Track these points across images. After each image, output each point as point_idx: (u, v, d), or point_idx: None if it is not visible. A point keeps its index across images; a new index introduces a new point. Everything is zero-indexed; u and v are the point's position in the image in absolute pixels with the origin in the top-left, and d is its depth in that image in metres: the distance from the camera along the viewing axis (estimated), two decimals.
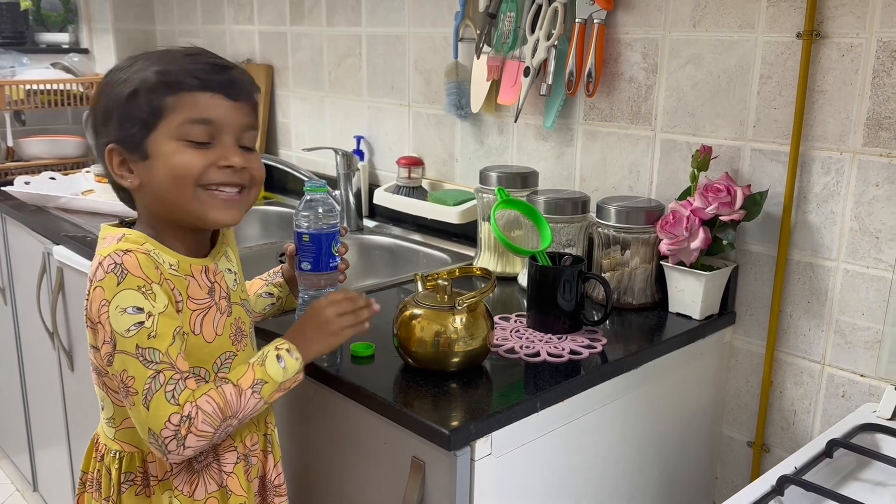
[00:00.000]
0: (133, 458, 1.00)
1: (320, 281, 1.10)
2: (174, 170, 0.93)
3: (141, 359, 0.88)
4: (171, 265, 0.96)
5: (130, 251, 0.90)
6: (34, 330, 2.01)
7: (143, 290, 0.90)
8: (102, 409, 1.02)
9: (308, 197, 1.09)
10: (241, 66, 1.00)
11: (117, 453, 1.00)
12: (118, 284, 0.89)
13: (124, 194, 1.01)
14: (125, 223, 1.02)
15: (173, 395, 0.88)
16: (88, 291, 0.92)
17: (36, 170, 2.39)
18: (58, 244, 1.81)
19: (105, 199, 2.01)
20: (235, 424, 0.93)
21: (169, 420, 0.87)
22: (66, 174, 2.26)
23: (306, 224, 1.08)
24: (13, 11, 2.73)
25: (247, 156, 0.97)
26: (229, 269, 1.05)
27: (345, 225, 1.12)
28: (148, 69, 0.93)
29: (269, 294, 1.18)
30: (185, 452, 0.89)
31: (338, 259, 1.11)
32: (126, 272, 0.89)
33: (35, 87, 2.46)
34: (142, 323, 0.88)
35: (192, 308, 0.97)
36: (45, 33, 2.84)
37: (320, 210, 1.08)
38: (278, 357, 0.96)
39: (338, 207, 1.11)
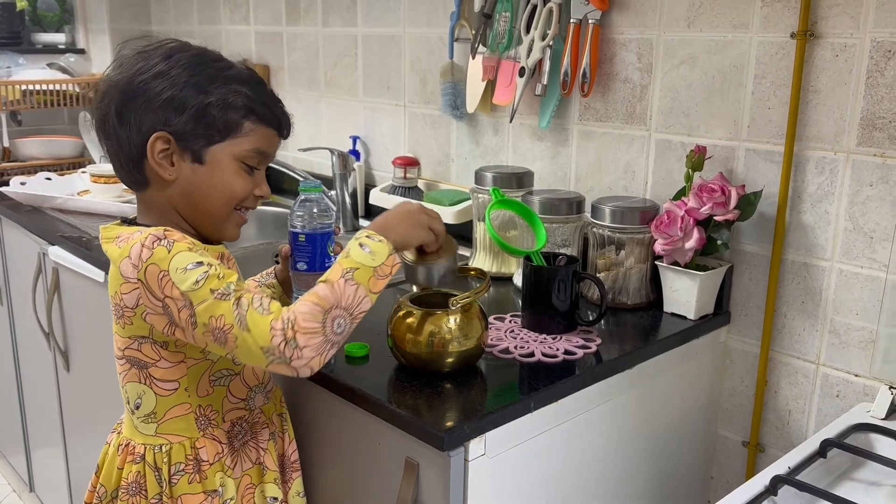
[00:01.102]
0: (182, 447, 1.02)
1: (315, 281, 1.09)
2: (230, 188, 0.99)
3: (220, 297, 0.88)
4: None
5: (167, 229, 0.94)
6: (30, 331, 2.00)
7: (194, 249, 0.93)
8: (138, 407, 1.02)
9: (303, 197, 1.09)
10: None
11: (163, 447, 1.02)
12: (169, 252, 0.91)
13: (138, 179, 1.00)
14: (127, 221, 1.03)
15: (262, 307, 0.88)
16: (136, 277, 0.91)
17: (32, 170, 2.38)
18: (53, 245, 1.80)
19: (101, 199, 2.01)
20: (345, 316, 0.90)
21: (272, 328, 0.86)
22: (62, 175, 2.26)
23: (301, 224, 1.08)
24: (9, 12, 2.72)
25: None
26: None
27: (339, 224, 1.12)
28: (231, 83, 0.97)
29: None
30: (304, 354, 0.87)
31: (333, 259, 1.10)
32: (172, 241, 0.92)
33: (31, 87, 2.45)
34: (206, 271, 0.90)
35: None
36: (41, 34, 2.83)
37: (315, 210, 1.08)
38: (361, 245, 0.94)
39: (333, 207, 1.11)
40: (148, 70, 0.95)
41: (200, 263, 0.90)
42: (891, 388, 1.15)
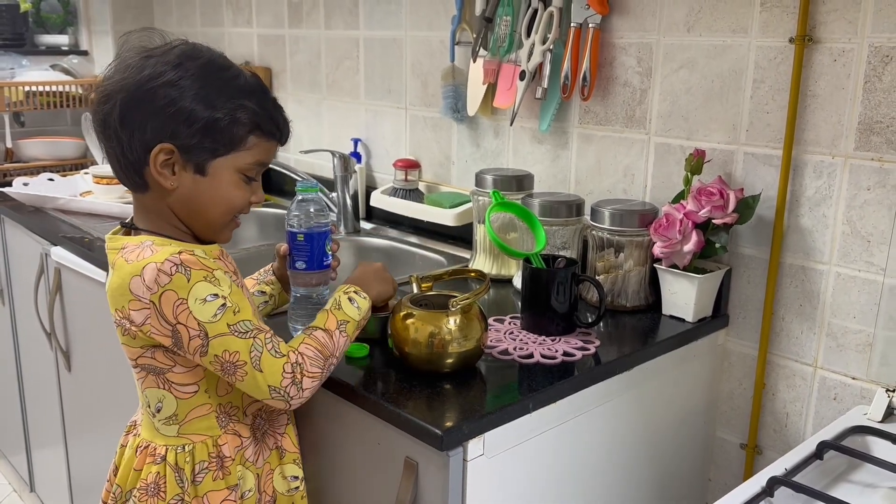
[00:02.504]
0: (205, 445, 1.03)
1: (313, 279, 1.11)
2: (230, 201, 1.00)
3: (237, 333, 0.94)
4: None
5: (182, 251, 0.94)
6: (32, 330, 2.01)
7: (209, 279, 0.94)
8: (159, 410, 1.02)
9: (300, 197, 1.10)
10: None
11: (186, 447, 1.03)
12: (189, 281, 0.92)
13: (137, 182, 0.99)
14: (125, 225, 1.04)
15: (275, 350, 0.95)
16: (149, 299, 0.92)
17: (35, 171, 2.39)
18: (56, 245, 1.81)
19: (103, 200, 2.02)
20: (335, 363, 1.00)
21: (283, 371, 0.94)
22: (64, 175, 2.27)
23: (298, 223, 1.09)
24: (13, 13, 2.74)
25: None
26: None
27: (334, 221, 1.14)
28: (243, 100, 0.97)
29: (262, 292, 1.19)
30: (304, 395, 0.97)
31: (331, 257, 1.12)
32: (189, 269, 0.93)
33: (34, 88, 2.46)
34: (224, 305, 0.93)
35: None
36: (44, 35, 2.84)
37: (312, 209, 1.09)
38: (350, 299, 1.04)
39: (329, 206, 1.13)
40: (157, 77, 0.94)
41: (217, 296, 0.93)
42: (888, 390, 1.15)
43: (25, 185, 2.13)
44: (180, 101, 0.94)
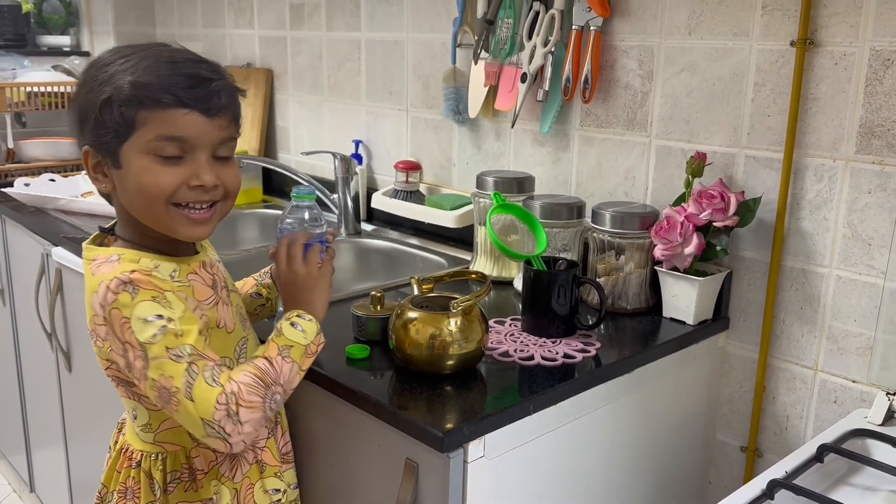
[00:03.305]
0: (177, 456, 1.02)
1: None
2: (144, 187, 0.93)
3: (173, 357, 0.88)
4: (171, 274, 0.96)
5: (135, 270, 0.91)
6: (32, 331, 2.01)
7: (158, 299, 0.90)
8: (135, 418, 1.03)
9: (294, 203, 1.08)
10: (224, 73, 0.97)
11: (159, 455, 1.02)
12: (133, 300, 0.89)
13: (102, 192, 1.01)
14: (105, 230, 1.02)
15: (213, 379, 0.89)
16: (103, 316, 0.91)
17: (36, 171, 2.39)
18: (57, 245, 1.81)
19: (104, 201, 2.02)
20: (281, 392, 0.94)
21: (217, 402, 0.87)
22: (65, 176, 2.27)
23: (289, 231, 1.06)
24: (15, 14, 2.74)
25: (220, 169, 0.96)
26: (219, 260, 1.08)
27: (331, 230, 1.11)
28: (124, 77, 0.91)
29: (259, 294, 1.18)
30: (244, 430, 0.89)
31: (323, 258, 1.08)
32: (137, 287, 0.90)
33: (36, 89, 2.47)
34: (165, 326, 0.89)
35: (206, 307, 0.99)
36: (46, 36, 2.85)
37: (306, 216, 1.06)
38: (292, 324, 0.98)
39: (324, 215, 1.08)
40: (81, 86, 0.96)
41: (161, 317, 0.89)
42: (888, 394, 1.15)
43: (27, 185, 2.13)
44: (79, 103, 0.95)
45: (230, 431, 0.88)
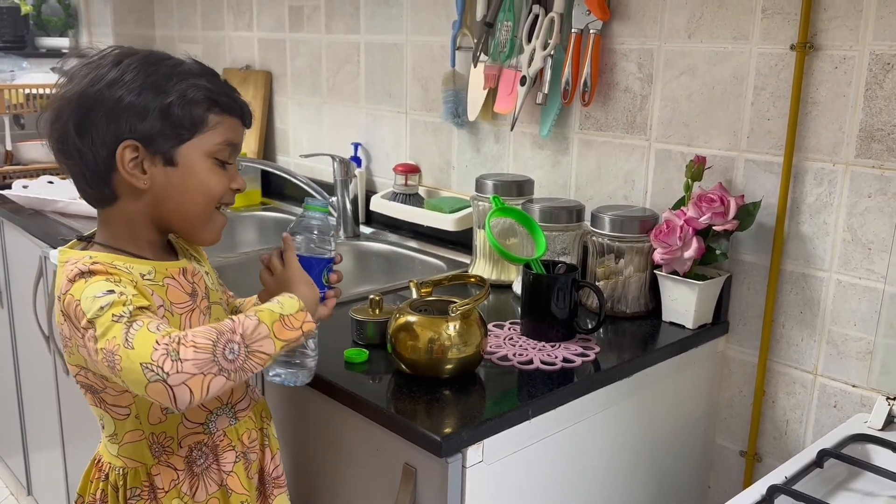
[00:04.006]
0: (137, 472, 1.00)
1: None
2: (208, 188, 0.96)
3: (116, 319, 0.83)
4: (145, 275, 0.94)
5: (97, 262, 0.89)
6: (30, 334, 2.01)
7: (111, 280, 0.87)
8: (103, 427, 1.02)
9: (305, 214, 1.01)
10: None
11: (121, 470, 1.00)
12: (86, 282, 0.87)
13: (105, 195, 0.95)
14: (82, 238, 1.00)
15: (157, 328, 0.83)
16: (61, 309, 0.89)
17: (34, 174, 2.39)
18: (55, 248, 1.81)
19: None
20: (240, 343, 0.85)
21: (156, 342, 0.81)
22: (64, 178, 2.27)
23: (298, 246, 1.00)
24: (14, 16, 2.74)
25: None
26: (206, 272, 1.05)
27: (339, 254, 1.06)
28: (195, 78, 0.94)
29: None
30: (184, 368, 0.80)
31: (326, 289, 1.00)
32: (93, 273, 0.88)
33: (34, 91, 2.46)
34: (112, 299, 0.84)
35: (178, 312, 0.96)
36: (45, 38, 2.85)
37: (315, 233, 1.00)
38: (270, 301, 0.92)
39: (334, 234, 1.03)
40: (100, 80, 0.91)
41: (112, 292, 0.85)
42: (888, 398, 1.15)
43: (25, 187, 2.13)
44: (129, 96, 0.90)
45: (168, 370, 0.79)
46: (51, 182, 2.18)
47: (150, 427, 0.98)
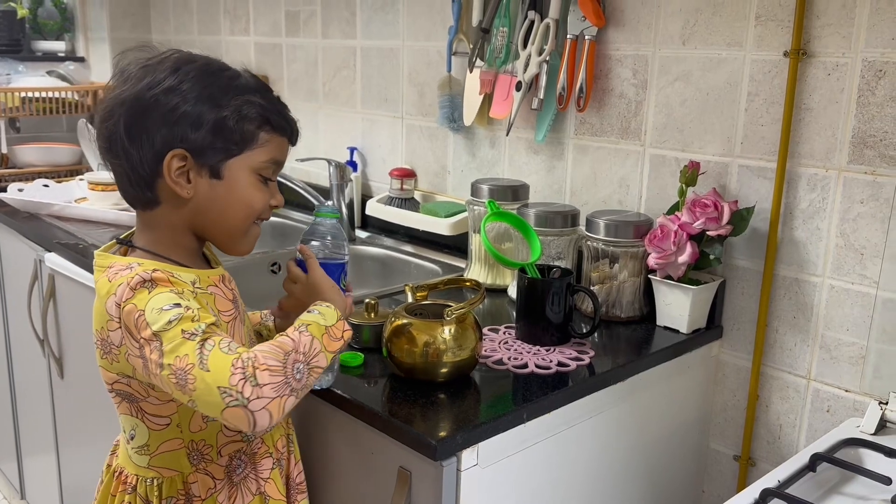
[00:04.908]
0: (174, 481, 0.99)
1: None
2: (250, 203, 0.97)
3: (188, 336, 0.83)
4: (192, 284, 0.94)
5: (157, 270, 0.89)
6: (24, 337, 2.00)
7: (175, 292, 0.88)
8: (132, 438, 1.00)
9: (318, 221, 1.04)
10: None
11: (154, 480, 0.99)
12: (150, 293, 0.87)
13: (148, 198, 0.95)
14: (121, 241, 0.99)
15: (229, 348, 0.83)
16: (118, 317, 0.88)
17: (30, 177, 2.39)
18: (50, 251, 1.81)
19: (98, 206, 2.02)
20: (303, 362, 0.86)
21: (232, 366, 0.81)
22: (59, 182, 2.27)
23: (315, 252, 1.02)
24: (10, 19, 2.74)
25: None
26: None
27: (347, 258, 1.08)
28: (251, 95, 0.94)
29: (259, 334, 1.14)
30: (264, 393, 0.81)
31: (344, 293, 1.03)
32: (156, 284, 0.88)
33: (30, 94, 2.46)
34: (181, 313, 0.85)
35: (226, 320, 0.97)
36: (41, 41, 2.85)
37: (329, 239, 1.03)
38: (308, 311, 0.94)
39: (345, 238, 1.06)
40: (157, 85, 0.91)
41: (178, 305, 0.85)
42: (880, 403, 1.16)
43: (20, 190, 2.12)
44: (184, 105, 0.91)
45: (249, 395, 0.80)
46: (46, 185, 2.17)
47: (191, 435, 0.98)
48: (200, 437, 0.98)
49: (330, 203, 1.05)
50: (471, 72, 1.64)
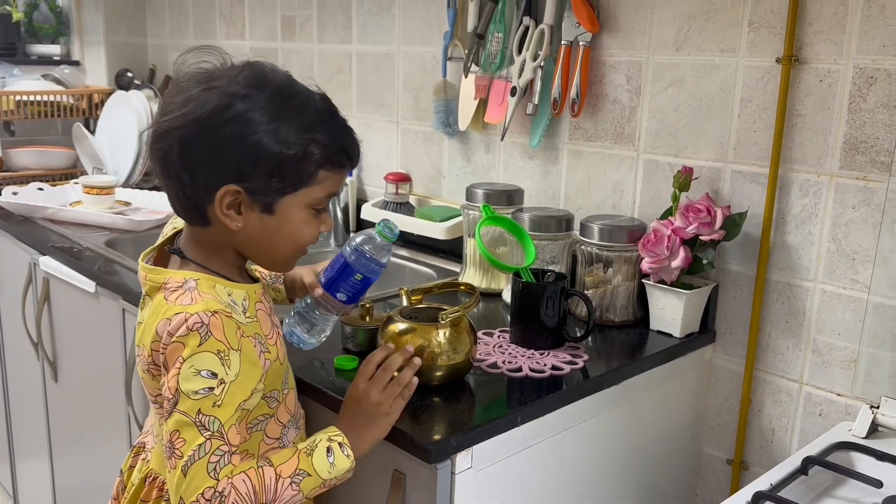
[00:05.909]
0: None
1: (337, 309, 1.06)
2: (300, 238, 0.95)
3: (198, 425, 0.84)
4: (243, 303, 0.94)
5: (217, 312, 0.87)
6: (18, 340, 2.00)
7: (222, 355, 0.86)
8: None
9: (379, 239, 1.03)
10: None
11: None
12: (199, 345, 0.85)
13: (198, 219, 0.93)
14: (172, 251, 0.98)
15: (215, 468, 0.84)
16: (164, 343, 0.87)
17: (24, 180, 2.38)
18: (44, 255, 1.81)
19: (93, 210, 2.02)
20: None
21: (202, 494, 0.83)
22: (54, 185, 2.26)
23: (362, 264, 1.02)
24: (5, 23, 2.74)
25: None
26: None
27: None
28: (315, 132, 0.90)
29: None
30: None
31: (356, 304, 1.07)
32: (210, 334, 0.85)
33: (25, 98, 2.46)
34: (212, 389, 0.85)
35: (270, 344, 0.95)
36: (36, 45, 2.84)
37: (384, 260, 1.03)
38: (329, 450, 0.92)
39: (387, 263, 1.06)
40: (221, 112, 0.87)
41: (214, 376, 0.85)
42: (872, 407, 1.16)
43: (15, 194, 2.12)
44: (249, 139, 0.87)
45: None
46: (41, 189, 2.17)
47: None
48: (243, 448, 0.96)
49: (397, 230, 1.04)
50: (466, 77, 1.65)
